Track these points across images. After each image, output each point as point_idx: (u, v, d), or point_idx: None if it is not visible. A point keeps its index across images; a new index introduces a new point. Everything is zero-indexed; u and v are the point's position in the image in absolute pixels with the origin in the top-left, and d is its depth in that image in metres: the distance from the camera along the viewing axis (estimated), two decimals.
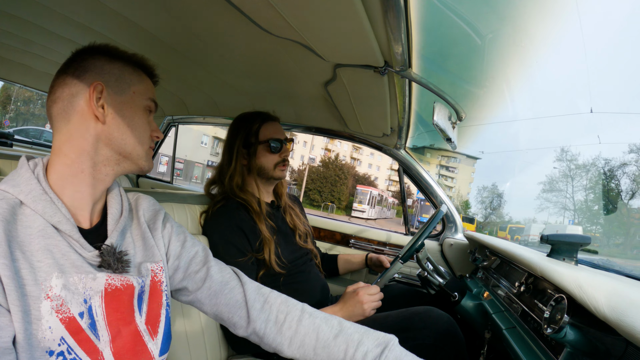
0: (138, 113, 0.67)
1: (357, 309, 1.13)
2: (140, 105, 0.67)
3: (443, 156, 28.05)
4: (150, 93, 0.70)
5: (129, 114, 0.65)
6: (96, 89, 0.62)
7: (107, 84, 0.63)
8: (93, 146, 0.62)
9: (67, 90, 0.62)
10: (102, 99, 0.62)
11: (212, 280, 0.75)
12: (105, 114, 0.63)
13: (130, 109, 0.66)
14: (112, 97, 0.63)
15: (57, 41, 1.35)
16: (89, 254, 0.58)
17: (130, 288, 0.62)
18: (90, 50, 0.66)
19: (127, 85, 0.66)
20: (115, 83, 0.64)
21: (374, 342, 0.66)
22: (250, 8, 0.79)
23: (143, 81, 0.69)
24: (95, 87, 0.62)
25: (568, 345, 0.70)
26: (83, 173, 0.62)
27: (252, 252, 1.17)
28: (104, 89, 0.62)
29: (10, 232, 0.52)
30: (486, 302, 1.18)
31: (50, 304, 0.52)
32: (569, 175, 27.32)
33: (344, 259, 1.66)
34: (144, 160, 0.68)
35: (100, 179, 0.64)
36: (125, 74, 0.66)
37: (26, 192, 0.56)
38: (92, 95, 0.61)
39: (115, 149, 0.64)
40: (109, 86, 0.63)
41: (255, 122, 1.30)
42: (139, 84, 0.68)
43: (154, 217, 0.75)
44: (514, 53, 1.25)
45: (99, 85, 0.62)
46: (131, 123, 0.66)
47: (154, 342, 0.65)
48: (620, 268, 1.06)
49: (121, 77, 0.65)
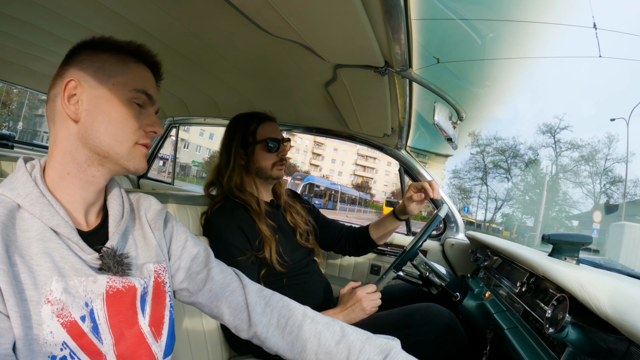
0: (116, 107, 0.60)
1: (356, 309, 1.13)
2: (121, 98, 0.60)
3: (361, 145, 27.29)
4: (138, 83, 0.62)
5: (104, 108, 0.60)
6: (68, 86, 0.59)
7: (84, 78, 0.59)
8: (73, 146, 0.60)
9: (52, 90, 0.61)
10: (77, 95, 0.59)
11: (213, 282, 0.74)
12: (79, 111, 0.59)
13: (107, 102, 0.60)
14: (87, 93, 0.59)
15: (57, 43, 1.36)
16: (89, 257, 0.57)
17: (132, 290, 0.61)
18: (78, 46, 0.63)
19: (106, 77, 0.60)
20: (93, 76, 0.60)
21: (376, 350, 0.64)
22: (250, 9, 0.79)
23: (129, 71, 0.62)
24: (67, 83, 0.59)
25: (570, 345, 0.70)
26: (69, 175, 0.60)
27: (252, 251, 1.17)
28: (79, 84, 0.59)
29: (9, 236, 0.51)
30: (488, 302, 1.18)
31: (51, 308, 0.51)
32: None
33: (374, 225, 1.53)
34: (125, 160, 0.62)
35: (88, 180, 0.61)
36: (106, 66, 0.61)
37: (23, 195, 0.55)
38: (64, 92, 0.59)
39: (92, 148, 0.60)
40: (85, 81, 0.59)
41: (253, 122, 1.30)
42: (121, 75, 0.61)
43: (156, 216, 0.74)
44: (514, 53, 1.24)
45: (71, 82, 0.59)
46: (107, 119, 0.60)
47: (158, 344, 0.64)
48: (622, 267, 1.06)
49: (100, 70, 0.60)
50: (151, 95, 0.64)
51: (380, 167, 56.75)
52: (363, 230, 1.53)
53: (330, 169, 54.03)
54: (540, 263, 0.89)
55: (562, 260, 1.01)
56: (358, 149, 55.31)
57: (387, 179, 55.97)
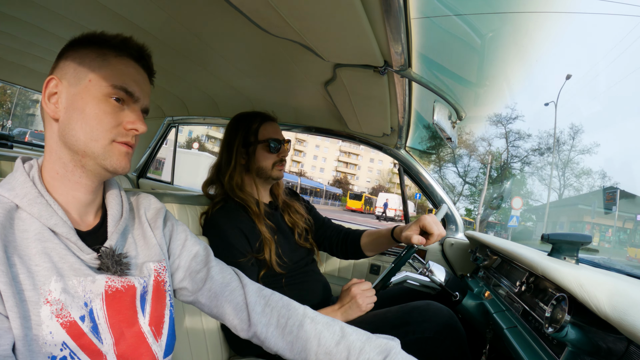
0: (91, 103, 0.58)
1: (353, 306, 1.14)
2: (97, 94, 0.58)
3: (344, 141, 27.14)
4: (117, 79, 0.59)
5: (79, 105, 0.58)
6: (49, 84, 0.58)
7: (64, 76, 0.59)
8: (58, 146, 0.59)
9: (43, 92, 0.61)
10: (57, 94, 0.58)
11: (212, 282, 0.74)
12: (59, 109, 0.58)
13: (82, 99, 0.58)
14: (66, 90, 0.58)
15: (57, 43, 1.35)
16: (88, 257, 0.57)
17: (132, 289, 0.60)
18: (68, 44, 0.62)
19: (84, 74, 0.58)
20: (73, 74, 0.58)
21: (376, 350, 0.64)
22: (250, 8, 0.79)
23: (108, 66, 0.59)
24: (48, 82, 0.58)
25: (569, 345, 0.70)
26: (58, 175, 0.59)
27: (252, 253, 1.17)
28: (59, 82, 0.58)
29: (7, 237, 0.51)
30: (487, 302, 1.18)
31: (50, 309, 0.51)
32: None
33: (368, 234, 1.43)
34: (102, 159, 0.59)
35: (75, 180, 0.60)
36: (86, 61, 0.59)
37: (21, 195, 0.55)
38: (45, 91, 0.58)
39: (71, 147, 0.58)
40: (65, 79, 0.59)
41: (255, 122, 1.30)
42: (98, 70, 0.58)
43: (156, 215, 0.73)
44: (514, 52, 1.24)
45: (52, 80, 0.58)
46: (81, 116, 0.58)
47: (158, 344, 0.63)
48: (622, 267, 1.06)
49: (80, 66, 0.58)
50: (132, 92, 0.61)
51: (362, 163, 57.31)
52: (355, 237, 1.45)
53: (312, 165, 54.42)
54: (539, 263, 0.89)
55: (561, 260, 1.01)
56: (340, 145, 55.86)
57: (370, 174, 56.48)
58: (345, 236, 1.47)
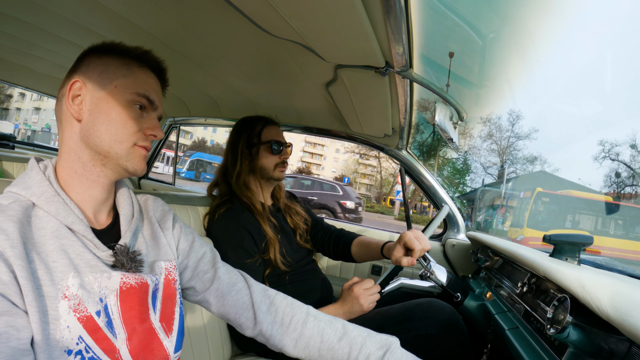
0: (116, 108, 0.62)
1: (355, 305, 1.14)
2: (122, 100, 0.62)
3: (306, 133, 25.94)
4: (140, 87, 0.64)
5: (105, 109, 0.62)
6: (74, 87, 0.61)
7: (89, 80, 0.62)
8: (78, 146, 0.62)
9: (60, 92, 0.63)
10: (80, 96, 0.61)
11: (219, 282, 0.76)
12: (83, 111, 0.61)
13: (107, 103, 0.62)
14: (91, 94, 0.61)
15: (58, 43, 1.36)
16: (103, 254, 0.59)
17: (144, 286, 0.62)
18: (89, 50, 0.65)
19: (109, 80, 0.62)
20: (98, 78, 0.62)
21: (377, 345, 0.67)
22: (251, 9, 0.79)
23: (132, 74, 0.64)
24: (73, 84, 0.61)
25: (571, 346, 0.70)
26: (76, 174, 0.62)
27: (259, 253, 1.19)
28: (83, 85, 0.61)
29: (25, 234, 0.52)
30: (489, 303, 1.18)
31: (68, 304, 0.52)
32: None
33: (359, 242, 1.42)
34: (124, 160, 0.63)
35: (93, 179, 0.63)
36: (110, 69, 0.63)
37: (38, 194, 0.57)
38: (69, 92, 0.61)
39: (93, 147, 0.62)
40: (89, 82, 0.62)
41: (258, 125, 1.34)
42: (123, 78, 0.63)
43: (164, 217, 0.76)
44: (515, 52, 1.24)
45: (77, 82, 0.61)
46: (107, 119, 0.61)
47: (169, 340, 0.66)
48: (624, 268, 1.06)
49: (105, 72, 0.62)
50: (153, 100, 0.66)
51: (328, 154, 57.57)
52: (346, 242, 1.44)
53: (333, 167, 54.60)
54: (541, 263, 0.89)
55: (563, 261, 1.00)
56: (305, 136, 55.70)
57: (336, 165, 56.71)
58: (336, 238, 1.47)
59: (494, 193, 14.83)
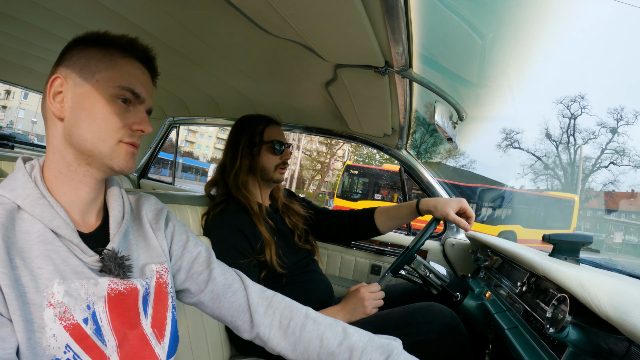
0: (98, 104, 0.58)
1: (358, 307, 1.14)
2: (104, 95, 0.58)
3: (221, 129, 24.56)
4: (124, 80, 0.60)
5: (87, 105, 0.58)
6: (54, 83, 0.58)
7: (70, 75, 0.58)
8: (62, 145, 0.59)
9: (45, 89, 0.60)
10: (62, 93, 0.58)
11: (214, 283, 0.74)
12: (64, 109, 0.58)
13: (89, 99, 0.58)
14: (72, 90, 0.58)
15: (58, 43, 1.36)
16: (90, 259, 0.57)
17: (134, 291, 0.60)
18: (72, 42, 0.61)
19: (91, 74, 0.58)
20: (79, 73, 0.58)
21: (378, 350, 0.64)
22: (250, 9, 0.79)
23: (115, 67, 0.60)
24: (53, 80, 0.58)
25: (570, 345, 0.70)
26: (61, 174, 0.59)
27: (254, 254, 1.18)
28: (64, 81, 0.58)
29: (9, 238, 0.50)
30: (488, 302, 1.18)
31: (53, 311, 0.51)
32: None
33: (383, 210, 1.40)
34: (109, 159, 0.60)
35: (79, 179, 0.60)
36: (92, 61, 0.59)
37: (23, 196, 0.54)
38: (50, 90, 0.58)
39: (77, 147, 0.59)
40: (70, 78, 0.58)
41: (260, 124, 1.33)
42: (105, 71, 0.59)
43: (157, 216, 0.73)
44: (515, 52, 1.24)
45: (57, 79, 0.58)
46: (89, 116, 0.58)
47: (161, 346, 0.63)
48: (623, 267, 1.06)
49: (86, 66, 0.59)
50: (138, 94, 0.62)
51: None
52: (366, 214, 1.41)
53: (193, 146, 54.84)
54: (540, 263, 0.89)
55: (562, 260, 1.00)
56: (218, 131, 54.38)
57: None
58: (354, 217, 1.46)
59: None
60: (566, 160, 19.15)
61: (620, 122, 18.08)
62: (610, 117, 18.26)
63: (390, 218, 1.39)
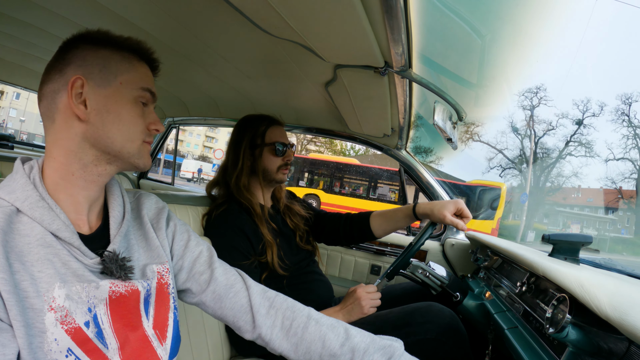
0: (126, 106, 0.60)
1: (355, 307, 1.14)
2: (129, 97, 0.60)
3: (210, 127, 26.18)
4: (143, 82, 0.62)
5: (114, 108, 0.59)
6: (75, 84, 0.57)
7: (90, 76, 0.58)
8: (79, 147, 0.58)
9: (50, 86, 0.58)
10: (83, 94, 0.57)
11: (216, 283, 0.73)
12: (88, 111, 0.57)
13: (116, 102, 0.59)
14: (94, 91, 0.58)
15: (58, 43, 1.33)
16: (91, 261, 0.56)
17: (135, 293, 0.60)
18: (75, 39, 0.60)
19: (113, 76, 0.59)
20: (99, 74, 0.58)
21: (380, 352, 0.64)
22: (250, 9, 0.79)
23: (134, 69, 0.62)
24: (74, 82, 0.56)
25: (570, 345, 0.70)
26: (74, 176, 0.58)
27: (255, 256, 1.18)
28: (85, 82, 0.57)
29: (8, 242, 0.49)
30: (488, 302, 1.18)
31: (54, 316, 0.50)
32: None
33: (379, 214, 1.39)
34: (136, 158, 0.62)
35: (92, 180, 0.60)
36: (112, 63, 0.59)
37: (22, 199, 0.53)
38: (71, 91, 0.56)
39: (102, 148, 0.59)
40: (91, 79, 0.58)
41: (262, 125, 1.31)
42: (127, 73, 0.61)
43: (158, 215, 0.73)
44: (514, 52, 1.25)
45: (78, 80, 0.57)
46: (117, 119, 0.59)
47: (163, 348, 0.63)
48: (622, 267, 1.06)
49: (106, 67, 0.59)
50: (154, 93, 0.65)
51: (220, 137, 58.19)
52: (362, 218, 1.40)
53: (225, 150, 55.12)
54: (540, 263, 0.89)
55: (562, 260, 1.01)
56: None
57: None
58: (349, 220, 1.44)
59: None
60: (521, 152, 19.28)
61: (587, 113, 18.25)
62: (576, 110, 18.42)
63: (386, 222, 1.38)
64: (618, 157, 19.21)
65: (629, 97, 18.93)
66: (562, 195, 20.67)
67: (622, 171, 19.59)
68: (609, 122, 19.33)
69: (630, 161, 19.13)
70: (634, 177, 19.29)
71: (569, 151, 19.06)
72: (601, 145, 22.04)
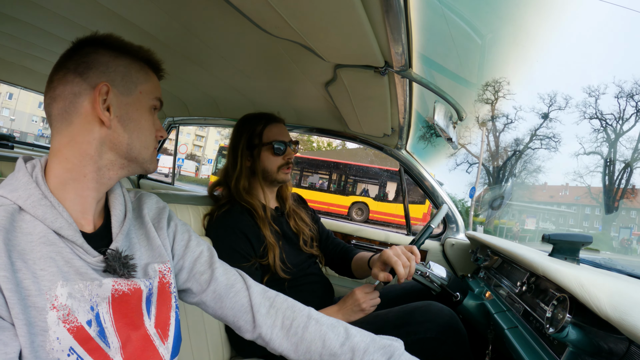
0: (144, 115, 0.63)
1: (355, 308, 1.14)
2: (147, 106, 0.63)
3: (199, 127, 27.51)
4: (157, 92, 0.66)
5: (135, 116, 0.62)
6: (102, 91, 0.57)
7: (113, 83, 0.59)
8: (97, 150, 0.59)
9: (69, 88, 0.58)
10: (107, 100, 0.58)
11: (217, 283, 0.73)
12: (111, 117, 0.59)
13: (137, 110, 0.62)
14: (118, 99, 0.59)
15: (58, 43, 1.36)
16: (94, 260, 0.56)
17: (138, 292, 0.60)
18: (93, 42, 0.61)
19: (134, 85, 0.62)
20: (122, 82, 0.60)
21: (380, 351, 0.65)
22: (250, 9, 0.79)
23: (150, 79, 0.65)
24: (101, 88, 0.57)
25: (570, 345, 0.70)
26: (86, 177, 0.59)
27: (256, 258, 1.16)
28: (110, 89, 0.58)
29: (10, 240, 0.49)
30: (488, 302, 1.18)
31: (57, 314, 0.50)
32: None
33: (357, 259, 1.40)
34: (149, 163, 0.66)
35: (103, 182, 0.61)
36: (132, 72, 0.62)
37: (25, 197, 0.53)
38: (98, 97, 0.57)
39: (121, 153, 0.61)
40: (114, 86, 0.59)
41: (259, 124, 1.28)
42: (145, 83, 0.63)
43: (159, 215, 0.73)
44: (514, 52, 1.25)
45: (104, 87, 0.58)
46: (138, 126, 0.62)
47: (164, 347, 0.63)
48: (623, 267, 1.06)
49: (127, 76, 0.61)
50: (162, 103, 0.68)
51: (209, 135, 58.92)
52: (349, 258, 1.42)
53: (213, 148, 56.14)
54: (540, 263, 0.89)
55: (562, 260, 1.01)
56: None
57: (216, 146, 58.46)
58: (342, 254, 1.45)
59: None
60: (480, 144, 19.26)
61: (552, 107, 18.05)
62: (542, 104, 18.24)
63: (358, 268, 1.37)
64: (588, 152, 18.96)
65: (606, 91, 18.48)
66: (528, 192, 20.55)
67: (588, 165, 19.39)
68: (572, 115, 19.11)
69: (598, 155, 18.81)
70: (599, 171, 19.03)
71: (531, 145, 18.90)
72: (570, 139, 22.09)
